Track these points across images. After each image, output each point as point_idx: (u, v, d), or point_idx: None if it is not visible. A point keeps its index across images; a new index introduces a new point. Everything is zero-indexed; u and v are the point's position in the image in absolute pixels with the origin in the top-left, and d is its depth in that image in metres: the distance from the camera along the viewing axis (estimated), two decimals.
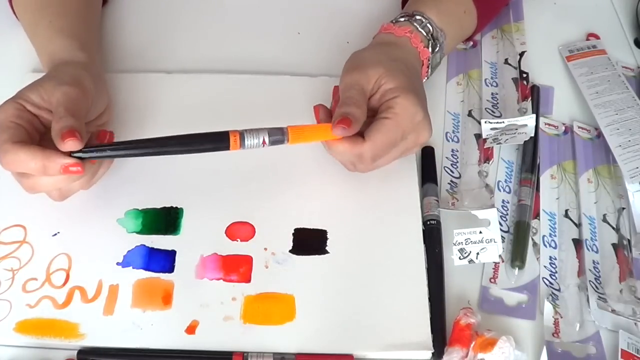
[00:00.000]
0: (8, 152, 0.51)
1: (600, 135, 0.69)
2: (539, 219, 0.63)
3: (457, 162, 0.67)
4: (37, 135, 0.55)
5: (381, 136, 0.57)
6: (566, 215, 0.64)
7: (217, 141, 0.55)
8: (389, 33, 0.64)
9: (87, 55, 0.62)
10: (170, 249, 0.59)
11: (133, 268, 0.57)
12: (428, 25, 0.64)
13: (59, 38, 0.62)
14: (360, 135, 0.58)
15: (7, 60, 0.71)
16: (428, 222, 0.61)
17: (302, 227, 0.60)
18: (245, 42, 0.75)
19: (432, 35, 0.64)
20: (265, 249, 0.59)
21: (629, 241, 0.62)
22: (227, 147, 0.55)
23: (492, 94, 0.72)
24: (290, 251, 0.59)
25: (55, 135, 0.52)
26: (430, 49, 0.64)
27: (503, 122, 0.66)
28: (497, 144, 0.67)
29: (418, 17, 0.64)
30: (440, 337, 0.55)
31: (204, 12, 0.77)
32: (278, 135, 0.56)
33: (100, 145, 0.54)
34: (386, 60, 0.60)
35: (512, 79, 0.73)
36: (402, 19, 0.65)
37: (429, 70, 0.66)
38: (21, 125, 0.54)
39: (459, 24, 0.69)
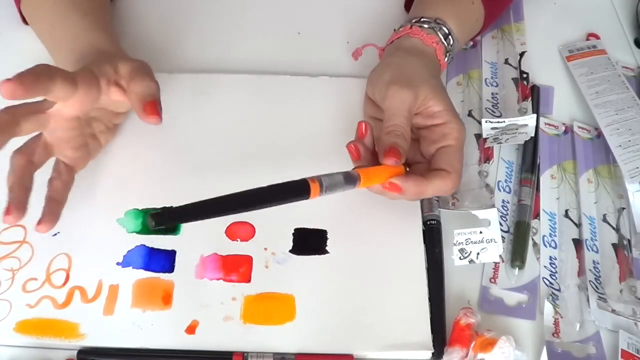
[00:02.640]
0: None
1: (600, 135, 0.69)
2: (539, 219, 0.63)
3: None
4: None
5: (457, 163, 0.58)
6: (566, 215, 0.64)
7: (297, 192, 0.52)
8: (417, 38, 0.64)
9: (122, 50, 0.64)
10: (170, 249, 0.59)
11: (133, 268, 0.57)
12: (450, 37, 0.64)
13: (97, 30, 0.63)
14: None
15: (7, 60, 0.71)
16: (428, 222, 0.61)
17: (302, 227, 0.60)
18: (244, 42, 0.75)
19: (451, 46, 0.65)
20: (265, 249, 0.59)
21: (629, 241, 0.62)
22: (307, 197, 0.52)
23: (492, 94, 0.72)
24: (290, 251, 0.59)
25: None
26: (446, 60, 0.65)
27: (503, 121, 0.67)
28: (498, 143, 0.67)
29: (443, 28, 0.64)
30: (440, 337, 0.55)
31: (204, 13, 0.77)
32: (351, 179, 0.54)
33: (177, 210, 0.49)
34: (429, 78, 0.60)
35: (512, 79, 0.73)
36: (426, 25, 0.64)
37: None
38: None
39: (468, 32, 0.70)
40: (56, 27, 0.64)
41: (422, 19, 0.65)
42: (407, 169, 0.59)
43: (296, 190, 0.52)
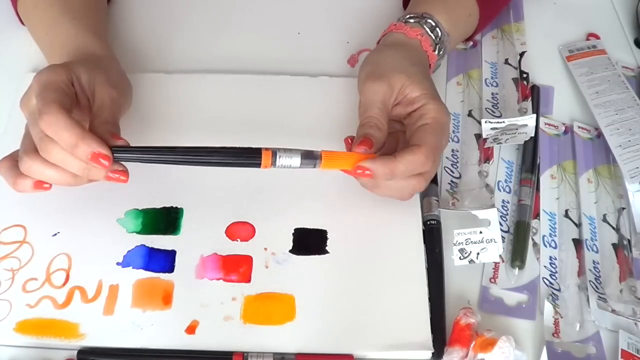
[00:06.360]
0: (51, 113, 0.51)
1: (600, 135, 0.69)
2: (539, 219, 0.63)
3: (457, 162, 0.67)
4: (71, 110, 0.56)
5: (431, 137, 0.56)
6: (566, 215, 0.64)
7: (248, 157, 0.54)
8: (400, 32, 0.64)
9: (112, 53, 0.64)
10: (170, 249, 0.59)
11: (133, 268, 0.57)
12: (437, 29, 0.64)
13: (87, 34, 0.63)
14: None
15: (7, 60, 0.71)
16: (428, 222, 0.61)
17: (302, 227, 0.60)
18: (244, 42, 0.75)
19: (440, 39, 0.64)
20: (265, 249, 0.59)
21: (629, 241, 0.62)
22: (258, 165, 0.54)
23: (492, 94, 0.72)
24: (290, 251, 0.59)
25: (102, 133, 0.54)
26: (437, 52, 0.65)
27: (503, 122, 0.66)
28: (497, 143, 0.67)
29: (429, 20, 0.64)
30: (440, 337, 0.55)
31: (204, 13, 0.77)
32: (311, 159, 0.55)
33: (128, 148, 0.54)
34: (408, 66, 0.60)
35: (512, 79, 0.73)
36: (412, 20, 0.65)
37: (432, 73, 0.66)
38: (68, 94, 0.54)
39: (463, 27, 0.70)
40: (48, 31, 0.65)
41: (408, 16, 0.65)
42: None
43: (248, 154, 0.54)
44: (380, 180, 0.56)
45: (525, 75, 0.73)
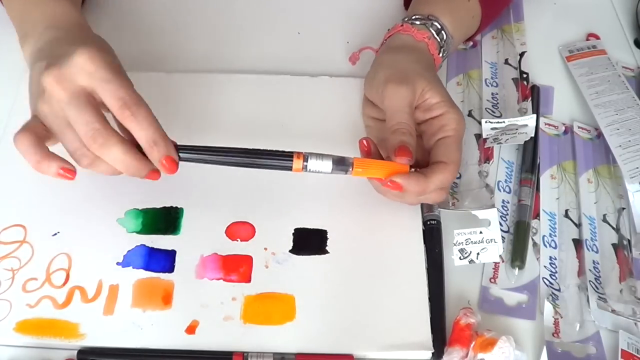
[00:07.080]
0: (142, 106, 0.52)
1: (600, 135, 0.69)
2: (539, 219, 0.63)
3: None
4: None
5: (456, 154, 0.58)
6: (566, 215, 0.64)
7: (279, 160, 0.55)
8: (407, 35, 0.64)
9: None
10: (170, 249, 0.59)
11: (133, 268, 0.57)
12: (443, 32, 0.64)
13: (65, 3, 0.60)
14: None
15: (7, 61, 0.71)
16: (428, 222, 0.61)
17: (302, 227, 0.60)
18: (244, 41, 0.75)
19: (444, 41, 0.65)
20: (265, 248, 0.59)
21: (629, 241, 0.62)
22: (289, 168, 0.55)
23: (492, 94, 0.72)
24: (290, 251, 0.59)
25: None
26: (441, 55, 0.65)
27: (503, 122, 0.67)
28: (497, 144, 0.67)
29: (435, 23, 0.64)
30: (440, 337, 0.55)
31: (204, 12, 0.77)
32: (342, 165, 0.56)
33: (191, 147, 0.56)
34: (423, 71, 0.60)
35: (512, 79, 0.73)
36: (418, 22, 0.64)
37: None
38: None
39: (465, 29, 0.70)
40: (26, 3, 0.62)
41: (414, 17, 0.65)
42: (412, 170, 0.58)
43: (280, 158, 0.55)
44: (410, 195, 0.57)
45: (525, 76, 0.73)
